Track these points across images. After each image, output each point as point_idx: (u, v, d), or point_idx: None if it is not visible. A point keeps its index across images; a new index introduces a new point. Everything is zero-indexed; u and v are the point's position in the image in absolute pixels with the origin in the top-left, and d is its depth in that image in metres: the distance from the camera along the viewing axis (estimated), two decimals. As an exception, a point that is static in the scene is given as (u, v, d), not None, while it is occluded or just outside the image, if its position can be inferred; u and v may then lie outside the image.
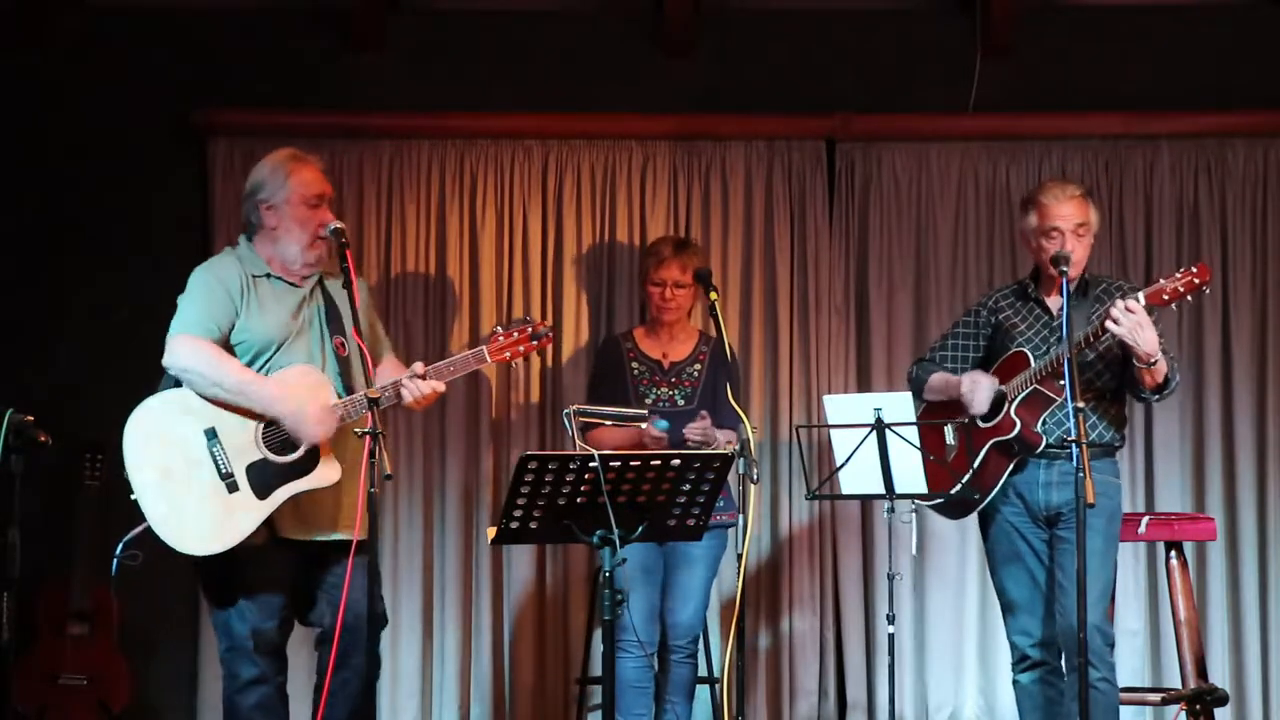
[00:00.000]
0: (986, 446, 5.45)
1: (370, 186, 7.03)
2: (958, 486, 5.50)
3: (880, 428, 5.49)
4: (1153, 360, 5.23)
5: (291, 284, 5.05)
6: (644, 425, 5.71)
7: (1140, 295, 5.21)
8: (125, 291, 6.93)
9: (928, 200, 7.09)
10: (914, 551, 6.23)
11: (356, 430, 4.78)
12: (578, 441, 4.91)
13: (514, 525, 4.73)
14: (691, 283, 6.00)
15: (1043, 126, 7.09)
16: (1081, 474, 4.95)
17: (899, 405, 5.55)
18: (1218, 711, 6.28)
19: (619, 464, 4.65)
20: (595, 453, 4.63)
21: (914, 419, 5.53)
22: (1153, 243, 7.04)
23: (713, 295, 5.74)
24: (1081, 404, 5.08)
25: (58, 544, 6.72)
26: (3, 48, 6.95)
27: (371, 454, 4.64)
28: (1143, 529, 6.17)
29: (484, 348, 5.15)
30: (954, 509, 5.63)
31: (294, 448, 4.93)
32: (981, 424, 5.47)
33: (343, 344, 5.04)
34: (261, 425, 4.93)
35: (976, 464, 5.45)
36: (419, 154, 7.07)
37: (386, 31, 7.13)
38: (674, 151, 7.07)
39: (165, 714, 6.95)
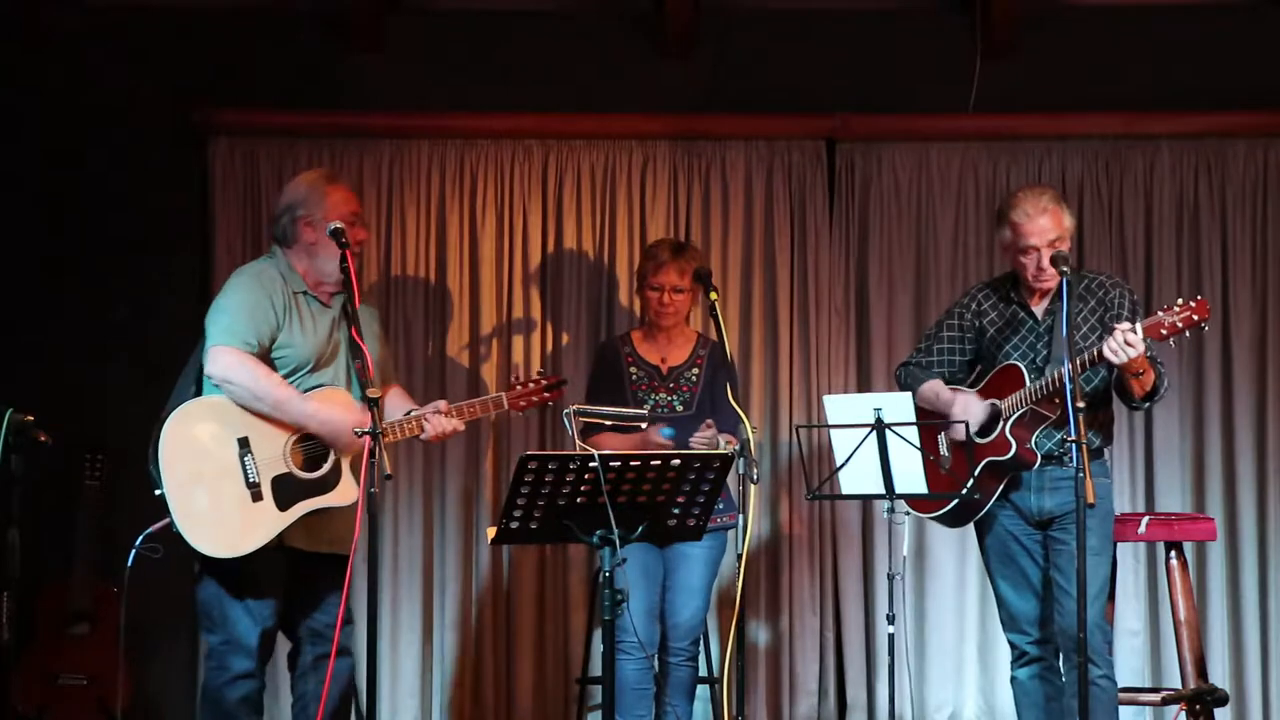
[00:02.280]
0: (981, 465, 5.46)
1: (370, 186, 7.03)
2: (954, 502, 5.51)
3: (880, 428, 5.48)
4: (1140, 371, 5.26)
5: (323, 304, 5.24)
6: (644, 426, 5.71)
7: (1137, 328, 5.20)
8: (125, 291, 6.93)
9: (928, 200, 7.09)
10: (905, 552, 6.23)
11: (357, 430, 4.89)
12: (578, 442, 4.92)
13: (514, 525, 4.73)
14: (690, 286, 5.98)
15: (1043, 126, 7.09)
16: (1082, 474, 4.95)
17: (899, 405, 5.54)
18: (1218, 711, 6.28)
19: (619, 464, 4.65)
20: (595, 453, 4.64)
21: (914, 419, 5.53)
22: (1153, 243, 7.04)
23: (713, 295, 5.73)
24: (1082, 404, 5.07)
25: (58, 544, 6.71)
26: (3, 48, 6.95)
27: (371, 454, 4.76)
28: (1142, 529, 6.17)
29: (503, 394, 5.45)
30: (952, 518, 5.63)
31: (319, 465, 5.11)
32: (977, 439, 5.48)
33: (362, 369, 5.16)
34: (291, 440, 5.08)
35: (971, 482, 5.45)
36: (419, 154, 7.07)
37: (386, 31, 7.13)
38: (674, 151, 7.07)
39: (165, 714, 6.95)
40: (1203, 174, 7.05)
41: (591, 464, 4.61)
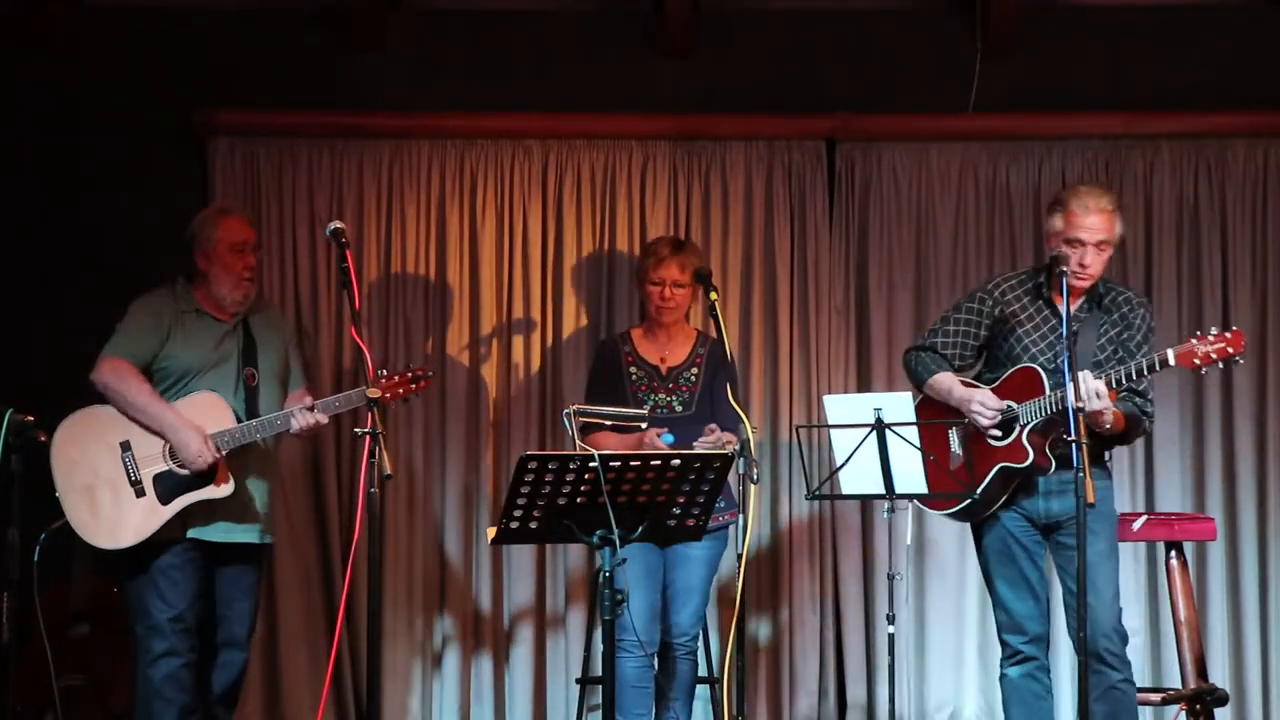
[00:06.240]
0: (996, 469, 5.41)
1: (370, 186, 7.04)
2: (966, 502, 5.46)
3: (880, 428, 5.48)
4: (1105, 426, 5.24)
5: (218, 320, 5.75)
6: (644, 426, 5.71)
7: (1170, 354, 5.14)
8: (125, 292, 6.92)
9: (928, 200, 7.09)
10: (909, 541, 6.22)
11: (357, 430, 5.06)
12: (578, 442, 4.92)
13: (514, 525, 4.74)
14: (690, 282, 5.99)
15: (1043, 126, 7.09)
16: (1082, 474, 4.94)
17: (899, 405, 5.54)
18: (1218, 711, 6.29)
19: (619, 464, 4.66)
20: (595, 453, 4.64)
21: (914, 419, 5.53)
22: (1153, 243, 7.05)
23: (713, 295, 5.74)
24: (1081, 403, 5.06)
25: (58, 544, 6.70)
26: (2, 48, 6.95)
27: (371, 454, 4.86)
28: (1137, 528, 6.19)
29: (365, 389, 5.42)
30: (961, 514, 5.60)
31: None
32: (992, 441, 5.43)
33: (253, 375, 5.74)
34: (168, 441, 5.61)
35: (982, 487, 5.41)
36: (419, 154, 7.07)
37: (386, 31, 7.14)
38: (674, 152, 7.08)
39: (165, 714, 6.94)
40: (1203, 174, 7.05)
41: (591, 464, 4.62)
